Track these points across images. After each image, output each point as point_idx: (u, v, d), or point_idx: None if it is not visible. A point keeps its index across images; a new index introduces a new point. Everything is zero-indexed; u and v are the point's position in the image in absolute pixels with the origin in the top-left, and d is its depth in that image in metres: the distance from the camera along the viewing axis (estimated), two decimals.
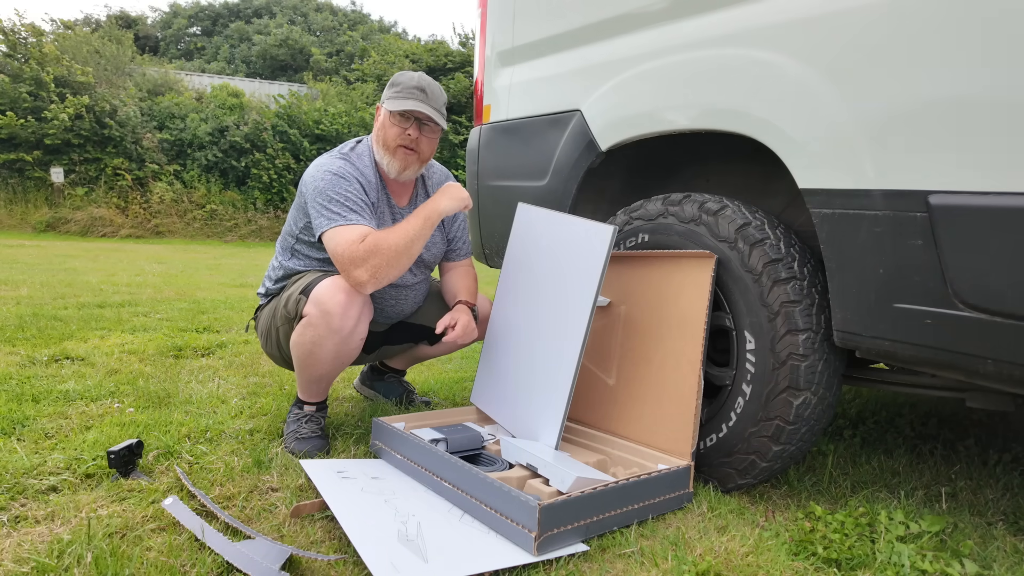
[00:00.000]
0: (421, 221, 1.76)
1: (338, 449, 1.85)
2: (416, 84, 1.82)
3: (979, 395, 1.48)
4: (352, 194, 1.77)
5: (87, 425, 1.90)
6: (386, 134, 1.83)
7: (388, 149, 1.84)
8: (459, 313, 1.93)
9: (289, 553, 1.20)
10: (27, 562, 1.17)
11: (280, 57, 24.35)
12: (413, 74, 1.85)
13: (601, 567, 1.25)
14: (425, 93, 1.82)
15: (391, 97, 1.83)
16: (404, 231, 1.74)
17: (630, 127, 1.81)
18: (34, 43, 13.01)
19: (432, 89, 1.84)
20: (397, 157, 1.84)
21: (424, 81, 1.84)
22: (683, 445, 1.58)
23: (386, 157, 1.85)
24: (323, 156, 1.89)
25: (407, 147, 1.83)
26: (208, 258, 8.82)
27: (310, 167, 1.86)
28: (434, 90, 1.84)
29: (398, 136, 1.82)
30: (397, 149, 1.83)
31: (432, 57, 16.75)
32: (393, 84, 1.84)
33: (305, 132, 13.99)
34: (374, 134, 1.90)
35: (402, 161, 1.85)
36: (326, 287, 1.72)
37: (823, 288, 1.50)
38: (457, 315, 1.92)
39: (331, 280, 1.73)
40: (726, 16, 1.58)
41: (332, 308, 1.70)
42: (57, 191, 12.52)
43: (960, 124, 1.16)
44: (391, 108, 1.80)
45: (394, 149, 1.83)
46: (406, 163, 1.85)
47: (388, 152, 1.84)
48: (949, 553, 1.32)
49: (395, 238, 1.72)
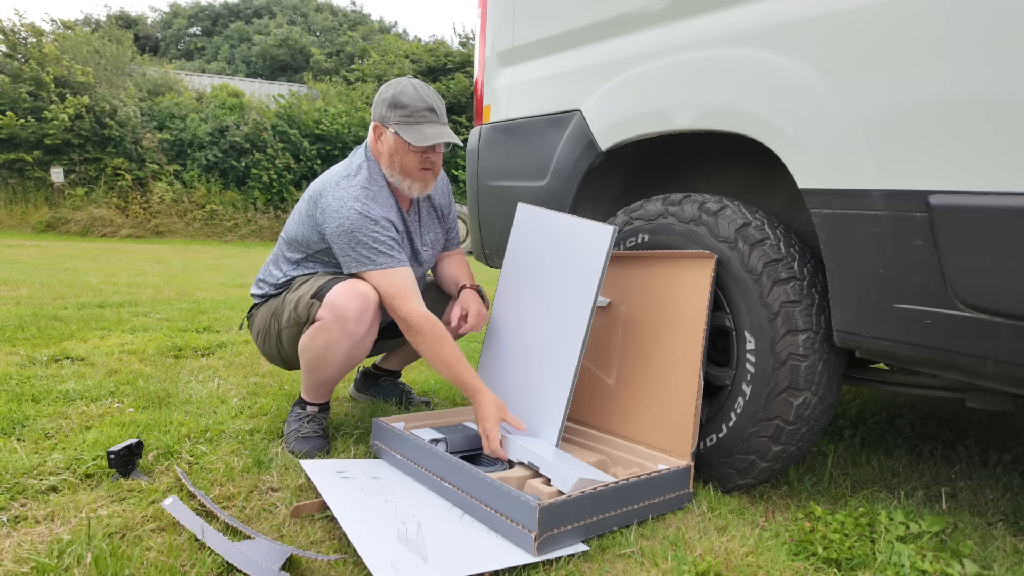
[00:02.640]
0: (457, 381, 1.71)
1: (338, 449, 1.85)
2: (426, 105, 1.76)
3: (979, 395, 1.48)
4: (381, 235, 1.75)
5: (87, 425, 1.90)
6: (403, 161, 1.78)
7: (408, 175, 1.81)
8: (469, 301, 1.93)
9: (289, 553, 1.20)
10: (27, 562, 1.17)
11: (280, 57, 24.35)
12: (416, 91, 1.77)
13: (601, 567, 1.25)
14: (436, 113, 1.78)
15: (402, 123, 1.75)
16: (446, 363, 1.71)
17: (630, 127, 1.81)
18: (34, 43, 13.01)
19: (438, 105, 1.80)
20: (418, 180, 1.83)
21: (430, 98, 1.78)
22: (683, 445, 1.58)
23: (406, 181, 1.82)
24: (339, 183, 1.79)
25: (427, 168, 1.82)
26: (208, 258, 8.82)
27: (330, 196, 1.77)
28: (439, 104, 1.80)
29: (420, 162, 1.79)
30: (418, 172, 1.81)
31: (432, 57, 16.74)
32: (399, 105, 1.75)
33: (305, 132, 13.99)
34: (382, 156, 1.82)
35: (423, 183, 1.84)
36: (341, 292, 1.70)
37: (823, 288, 1.50)
38: (467, 303, 1.91)
39: (345, 285, 1.72)
40: (726, 16, 1.58)
41: (348, 313, 1.69)
42: (57, 191, 12.52)
43: (960, 124, 1.16)
44: (410, 140, 1.72)
45: (415, 174, 1.81)
46: (426, 183, 1.85)
47: (408, 177, 1.81)
48: (949, 553, 1.32)
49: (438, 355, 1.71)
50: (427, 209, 2.02)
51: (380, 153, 1.83)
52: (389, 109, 1.76)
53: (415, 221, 1.98)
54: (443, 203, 2.07)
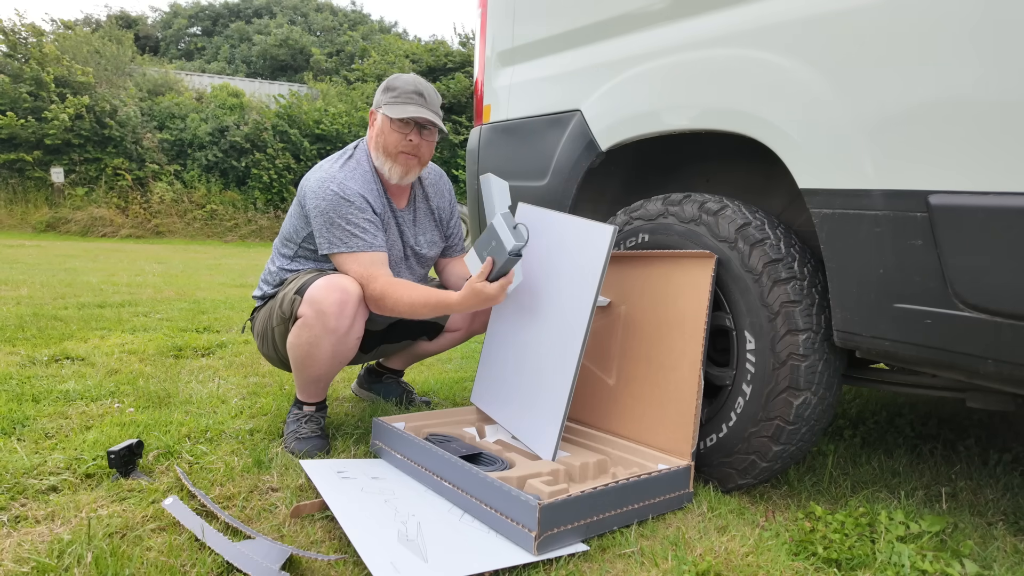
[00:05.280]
0: (432, 308, 1.73)
1: (338, 449, 1.85)
2: (413, 88, 1.81)
3: (979, 395, 1.48)
4: (355, 217, 1.77)
5: (87, 425, 1.90)
6: (386, 140, 1.82)
7: (389, 155, 1.84)
8: None
9: (289, 553, 1.20)
10: (27, 562, 1.17)
11: (280, 57, 24.35)
12: (408, 77, 1.83)
13: (601, 567, 1.25)
14: (423, 97, 1.81)
15: (389, 103, 1.81)
16: (412, 302, 1.72)
17: (630, 127, 1.81)
18: (34, 43, 13.02)
19: (429, 92, 1.83)
20: (399, 163, 1.84)
21: (421, 84, 1.83)
22: (683, 445, 1.58)
23: (387, 163, 1.85)
24: (324, 166, 1.86)
25: (408, 153, 1.83)
26: (208, 258, 8.82)
27: (312, 177, 1.83)
28: (431, 93, 1.84)
29: (399, 142, 1.81)
30: (399, 155, 1.83)
31: (432, 57, 16.74)
32: (389, 89, 1.82)
33: (305, 132, 13.99)
34: (371, 140, 1.88)
35: (404, 166, 1.85)
36: (321, 287, 1.71)
37: (823, 288, 1.50)
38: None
39: (326, 280, 1.73)
40: (726, 16, 1.57)
41: (327, 308, 1.69)
42: (57, 191, 12.53)
43: (960, 124, 1.16)
44: (391, 115, 1.78)
45: (395, 155, 1.83)
46: (408, 168, 1.86)
47: (389, 158, 1.84)
48: (949, 553, 1.32)
49: (405, 301, 1.72)
50: (424, 210, 2.03)
51: (371, 138, 1.88)
52: (382, 93, 1.84)
53: (410, 220, 1.98)
54: (442, 206, 2.08)
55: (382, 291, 1.74)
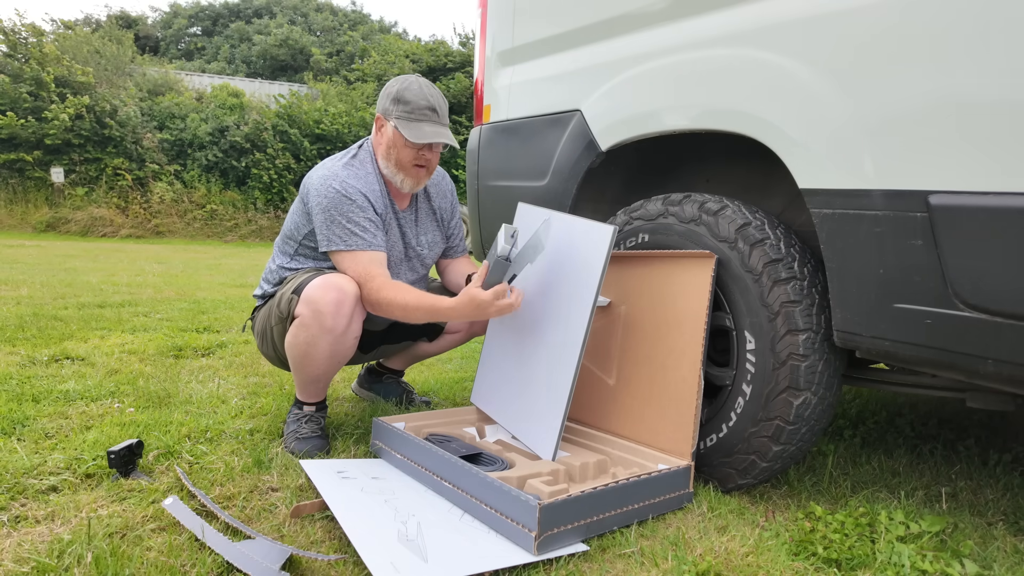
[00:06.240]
0: (425, 312, 1.71)
1: (338, 449, 1.85)
2: (427, 104, 1.79)
3: (979, 395, 1.48)
4: (356, 216, 1.77)
5: (87, 425, 1.90)
6: (399, 155, 1.82)
7: (401, 168, 1.84)
8: None
9: (289, 553, 1.20)
10: (27, 562, 1.17)
11: (280, 57, 24.35)
12: (418, 88, 1.80)
13: (601, 567, 1.25)
14: (437, 112, 1.80)
15: (402, 118, 1.78)
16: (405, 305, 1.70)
17: (630, 127, 1.81)
18: (34, 43, 13.02)
19: (440, 105, 1.82)
20: (411, 175, 1.86)
21: (433, 97, 1.81)
22: (683, 445, 1.58)
23: (399, 175, 1.85)
24: (327, 164, 1.86)
25: (421, 165, 1.85)
26: (208, 258, 8.82)
27: (315, 175, 1.83)
28: (442, 105, 1.83)
29: (414, 158, 1.82)
30: (411, 168, 1.84)
31: (432, 57, 16.74)
32: (400, 101, 1.79)
33: (305, 132, 13.99)
34: (379, 147, 1.86)
35: (415, 179, 1.87)
36: (317, 286, 1.71)
37: (823, 288, 1.50)
38: None
39: (323, 279, 1.72)
40: (726, 16, 1.57)
41: (324, 307, 1.69)
42: (57, 191, 12.53)
43: (960, 124, 1.16)
44: (408, 136, 1.76)
45: (408, 169, 1.84)
46: (419, 179, 1.88)
47: (401, 171, 1.84)
48: (949, 553, 1.32)
49: (399, 303, 1.71)
50: (426, 211, 2.03)
51: (379, 144, 1.87)
52: (392, 103, 1.81)
53: (411, 220, 1.98)
54: (444, 207, 2.08)
55: (378, 291, 1.73)
